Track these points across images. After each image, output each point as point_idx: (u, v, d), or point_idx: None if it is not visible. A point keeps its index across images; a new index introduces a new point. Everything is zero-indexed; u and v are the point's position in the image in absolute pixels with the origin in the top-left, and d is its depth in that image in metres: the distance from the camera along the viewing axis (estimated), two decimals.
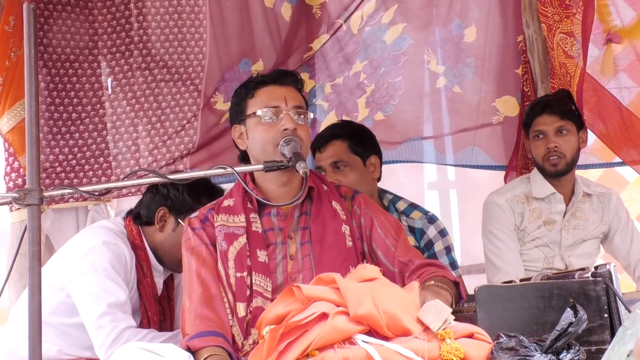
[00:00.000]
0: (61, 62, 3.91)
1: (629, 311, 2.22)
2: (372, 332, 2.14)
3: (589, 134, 3.83)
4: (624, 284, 3.35)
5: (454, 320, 2.16)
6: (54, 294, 2.93)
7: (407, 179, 4.57)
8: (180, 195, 3.10)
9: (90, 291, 2.88)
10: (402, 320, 2.14)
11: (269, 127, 2.61)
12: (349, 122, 3.81)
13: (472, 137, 4.40)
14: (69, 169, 3.91)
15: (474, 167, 4.47)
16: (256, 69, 4.08)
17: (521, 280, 2.49)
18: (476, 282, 2.43)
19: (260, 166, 2.48)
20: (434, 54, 4.33)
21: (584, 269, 2.42)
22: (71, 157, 3.92)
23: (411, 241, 3.45)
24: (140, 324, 3.03)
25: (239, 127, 2.72)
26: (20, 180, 3.74)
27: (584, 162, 4.11)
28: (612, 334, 2.22)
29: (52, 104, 3.88)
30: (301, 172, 2.42)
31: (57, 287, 2.94)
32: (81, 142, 3.93)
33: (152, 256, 3.11)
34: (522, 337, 2.10)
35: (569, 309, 2.12)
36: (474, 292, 2.35)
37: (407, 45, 4.30)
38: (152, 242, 3.12)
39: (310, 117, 2.71)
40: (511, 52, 4.32)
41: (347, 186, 2.90)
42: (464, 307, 2.56)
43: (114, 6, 3.96)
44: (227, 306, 2.54)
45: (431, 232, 3.52)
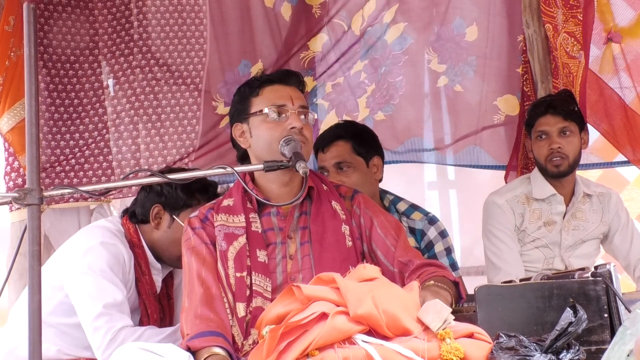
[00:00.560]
0: (61, 62, 3.92)
1: (629, 311, 2.22)
2: (372, 332, 2.14)
3: (590, 133, 3.83)
4: (624, 284, 3.35)
5: (454, 320, 2.16)
6: (53, 294, 2.93)
7: (407, 179, 4.57)
8: (173, 191, 3.09)
9: (87, 292, 2.88)
10: (402, 320, 2.14)
11: (275, 125, 2.61)
12: (352, 123, 3.80)
13: (473, 137, 4.40)
14: (69, 168, 3.91)
15: (475, 166, 4.47)
16: (256, 71, 4.08)
17: (521, 280, 2.49)
18: (476, 284, 2.43)
19: (260, 166, 2.48)
20: (434, 53, 4.33)
21: (584, 269, 2.42)
22: (71, 157, 3.92)
23: (411, 242, 3.46)
24: (140, 322, 3.03)
25: (240, 125, 2.71)
26: (20, 180, 3.74)
27: (584, 162, 4.11)
28: (612, 334, 2.22)
29: (52, 104, 3.88)
30: (301, 172, 2.41)
31: (55, 287, 2.94)
32: (81, 142, 3.93)
33: (149, 254, 3.11)
34: (522, 337, 2.10)
35: (568, 309, 2.12)
36: (474, 292, 2.35)
37: (408, 44, 4.30)
38: (149, 240, 3.12)
39: (314, 117, 2.73)
40: (512, 51, 4.33)
41: (347, 186, 2.90)
42: (464, 307, 2.56)
43: (114, 6, 3.97)
44: (227, 306, 2.54)
45: (431, 233, 3.53)
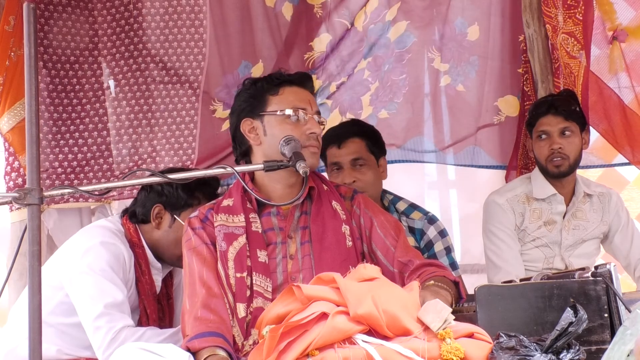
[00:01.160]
0: (61, 63, 3.91)
1: (629, 311, 2.22)
2: (372, 331, 2.14)
3: (590, 133, 3.83)
4: (624, 284, 3.34)
5: (454, 320, 2.16)
6: (53, 293, 2.93)
7: (407, 179, 4.57)
8: (174, 191, 3.10)
9: (87, 292, 2.88)
10: (402, 320, 2.14)
11: (294, 128, 2.62)
12: (362, 122, 3.78)
13: (474, 137, 4.40)
14: (69, 169, 3.91)
15: (475, 166, 4.46)
16: (256, 72, 4.08)
17: (521, 280, 2.49)
18: (474, 282, 2.43)
19: (260, 166, 2.47)
20: (437, 52, 4.32)
21: (584, 269, 2.42)
22: (71, 157, 3.92)
23: (411, 242, 3.46)
24: (139, 322, 3.03)
25: (252, 121, 2.69)
26: (20, 179, 3.74)
27: (584, 162, 4.10)
28: (612, 334, 2.22)
29: (52, 104, 3.88)
30: (301, 172, 2.41)
31: (55, 287, 2.94)
32: (81, 142, 3.93)
33: (150, 254, 3.11)
34: (522, 337, 2.10)
35: (569, 309, 2.12)
36: (474, 292, 2.35)
37: (411, 42, 4.29)
38: (149, 240, 3.12)
39: (325, 123, 2.79)
40: (513, 51, 4.32)
41: (347, 186, 2.90)
42: (464, 307, 2.56)
43: (114, 7, 3.96)
44: (227, 307, 2.54)
45: (431, 232, 3.53)
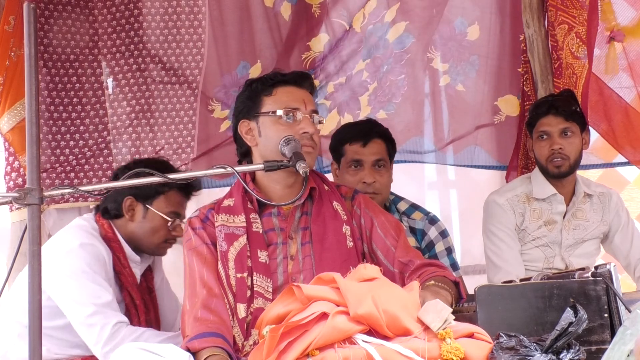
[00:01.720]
0: (61, 62, 3.92)
1: (629, 311, 2.22)
2: (372, 331, 2.14)
3: (590, 133, 3.83)
4: (624, 284, 3.35)
5: (454, 320, 2.16)
6: None
7: (407, 179, 4.57)
8: None
9: (73, 296, 2.86)
10: (402, 320, 2.14)
11: (287, 128, 2.61)
12: (381, 124, 3.71)
13: (474, 137, 4.40)
14: (69, 168, 3.91)
15: (475, 167, 4.47)
16: (255, 72, 4.08)
17: (521, 280, 2.49)
18: (475, 283, 2.43)
19: (260, 166, 2.47)
20: (436, 52, 4.32)
21: (584, 269, 2.41)
22: (72, 157, 3.92)
23: (412, 242, 3.46)
24: (128, 315, 3.00)
25: (248, 122, 2.70)
26: (20, 179, 3.74)
27: (584, 162, 4.10)
28: (612, 334, 2.22)
29: (52, 104, 3.88)
30: (301, 172, 2.40)
31: None
32: (81, 142, 3.93)
33: (127, 247, 3.09)
34: (522, 337, 2.10)
35: (569, 309, 2.12)
36: (474, 292, 2.34)
37: (410, 43, 4.29)
38: (125, 233, 3.10)
39: (322, 122, 2.74)
40: (513, 51, 4.32)
41: (347, 186, 2.90)
42: (464, 307, 2.55)
43: (114, 6, 3.96)
44: (227, 307, 2.54)
45: (432, 233, 3.53)
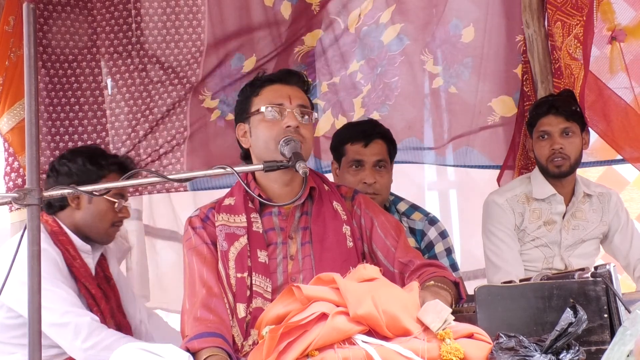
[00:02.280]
0: (60, 62, 3.91)
1: (629, 311, 2.22)
2: (371, 332, 2.14)
3: (589, 134, 3.83)
4: (624, 284, 3.34)
5: (454, 320, 2.16)
6: None
7: (406, 179, 4.57)
8: (82, 167, 3.04)
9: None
10: (401, 320, 2.14)
11: (272, 125, 2.61)
12: (382, 125, 3.72)
13: (467, 138, 4.40)
14: None
15: (471, 167, 4.47)
16: (249, 65, 4.08)
17: (521, 280, 2.49)
18: (476, 284, 2.43)
19: (260, 166, 2.47)
20: (430, 54, 4.32)
21: (583, 269, 2.41)
22: None
23: (412, 242, 3.46)
24: (88, 307, 2.97)
25: (243, 125, 2.72)
26: (20, 180, 3.73)
27: (584, 162, 4.10)
28: (612, 334, 2.22)
29: (52, 104, 3.88)
30: (301, 172, 2.41)
31: None
32: (80, 143, 3.93)
33: (75, 238, 3.04)
34: (521, 337, 2.10)
35: (568, 309, 2.12)
36: (473, 292, 2.34)
37: (405, 45, 4.29)
38: (72, 224, 3.06)
39: (315, 117, 2.71)
40: (509, 52, 4.32)
41: (348, 186, 2.90)
42: (463, 307, 2.55)
43: (113, 6, 3.96)
44: (227, 307, 2.54)
45: (432, 233, 3.53)
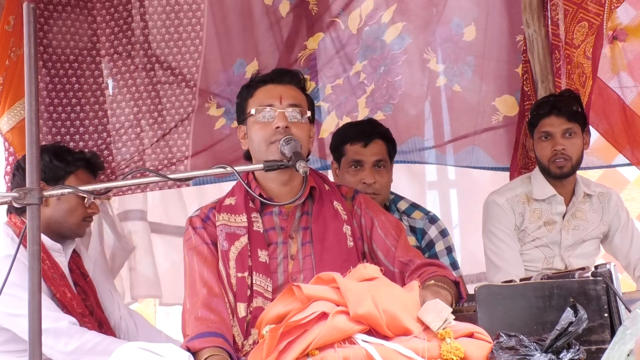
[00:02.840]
0: (61, 62, 3.91)
1: (629, 311, 2.22)
2: (372, 331, 2.14)
3: (590, 134, 3.83)
4: (624, 284, 3.34)
5: (454, 319, 2.16)
6: None
7: (407, 179, 4.57)
8: (50, 163, 3.03)
9: (13, 310, 2.80)
10: (402, 319, 2.14)
11: (264, 126, 2.62)
12: (382, 124, 3.72)
13: (472, 138, 4.40)
14: None
15: (475, 167, 4.47)
16: (251, 69, 4.07)
17: (521, 279, 2.49)
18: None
19: (260, 165, 2.47)
20: (433, 53, 4.32)
21: (584, 269, 2.41)
22: None
23: (412, 241, 3.46)
24: (65, 309, 2.94)
25: (241, 127, 2.74)
26: None
27: (584, 162, 4.09)
28: (612, 334, 2.22)
29: (52, 104, 3.88)
30: (301, 172, 2.41)
31: None
32: (82, 143, 3.93)
33: (45, 238, 2.98)
34: (522, 337, 2.10)
35: (569, 309, 2.12)
36: (474, 291, 2.35)
37: (407, 44, 4.29)
38: (42, 222, 3.01)
39: (307, 115, 2.69)
40: (510, 51, 4.32)
41: (348, 186, 2.90)
42: (464, 307, 2.55)
43: (113, 7, 3.96)
44: (227, 306, 2.54)
45: (432, 232, 3.53)
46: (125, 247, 4.05)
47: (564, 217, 3.72)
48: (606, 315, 2.28)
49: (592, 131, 3.87)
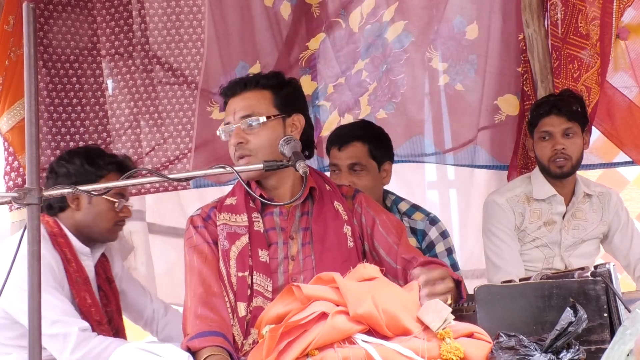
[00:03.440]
0: (61, 62, 3.91)
1: (629, 311, 2.22)
2: (371, 331, 2.14)
3: (590, 134, 3.82)
4: (624, 284, 3.34)
5: (454, 319, 2.16)
6: None
7: (407, 178, 4.56)
8: (80, 167, 3.02)
9: (27, 309, 2.81)
10: (401, 319, 2.14)
11: (229, 143, 2.66)
12: (371, 124, 3.74)
13: (475, 136, 4.39)
14: None
15: (475, 166, 4.46)
16: (253, 72, 4.07)
17: (521, 279, 2.49)
18: (475, 284, 2.43)
19: (260, 166, 2.47)
20: (435, 51, 4.32)
21: (583, 269, 2.41)
22: None
23: (413, 242, 3.46)
24: (82, 314, 2.93)
25: None
26: (20, 179, 3.73)
27: (585, 162, 4.10)
28: (612, 334, 2.22)
29: (52, 104, 3.88)
30: (301, 172, 2.40)
31: None
32: (82, 143, 3.92)
33: (74, 240, 3.01)
34: (521, 337, 2.10)
35: (568, 309, 2.12)
36: (473, 291, 2.35)
37: (409, 42, 4.28)
38: (73, 225, 3.03)
39: (260, 121, 2.61)
40: (512, 50, 4.31)
41: (348, 186, 2.90)
42: (464, 307, 2.55)
43: (114, 7, 3.96)
44: (227, 305, 2.54)
45: (433, 233, 3.53)
46: (125, 247, 4.05)
47: (563, 217, 3.72)
48: (606, 315, 2.28)
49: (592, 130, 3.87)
